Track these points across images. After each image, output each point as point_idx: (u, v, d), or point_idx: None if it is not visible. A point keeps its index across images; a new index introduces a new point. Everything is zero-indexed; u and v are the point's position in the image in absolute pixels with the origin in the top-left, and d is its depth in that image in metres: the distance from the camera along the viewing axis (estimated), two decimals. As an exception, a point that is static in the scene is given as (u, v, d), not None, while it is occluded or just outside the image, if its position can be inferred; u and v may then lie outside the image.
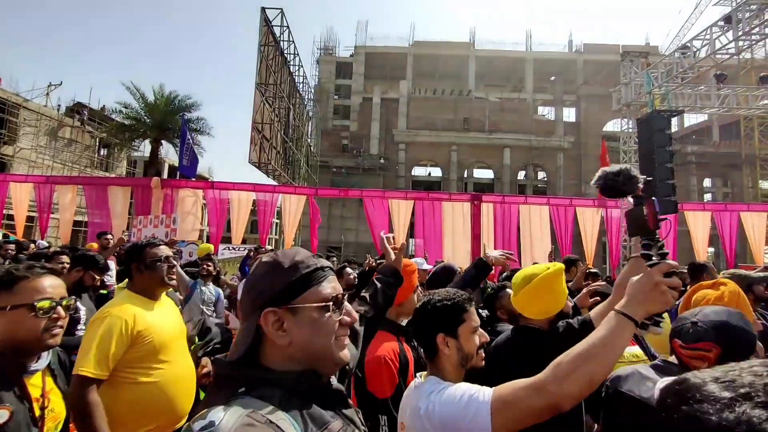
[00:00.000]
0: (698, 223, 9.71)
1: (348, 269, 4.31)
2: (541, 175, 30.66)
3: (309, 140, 22.14)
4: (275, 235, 31.48)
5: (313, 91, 25.57)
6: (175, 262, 1.95)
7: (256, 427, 0.62)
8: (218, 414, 0.62)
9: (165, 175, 20.00)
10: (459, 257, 9.94)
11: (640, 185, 1.16)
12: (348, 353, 0.83)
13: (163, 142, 18.26)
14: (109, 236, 5.78)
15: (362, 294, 1.51)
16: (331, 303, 0.77)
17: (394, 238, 1.58)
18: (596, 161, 27.69)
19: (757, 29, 7.27)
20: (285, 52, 14.99)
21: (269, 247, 9.12)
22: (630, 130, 10.08)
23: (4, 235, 7.28)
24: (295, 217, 10.30)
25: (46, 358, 1.20)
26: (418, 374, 1.25)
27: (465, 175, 29.37)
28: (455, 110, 29.09)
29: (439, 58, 31.41)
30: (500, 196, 10.38)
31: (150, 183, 9.31)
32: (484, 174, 30.50)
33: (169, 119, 17.26)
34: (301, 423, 0.69)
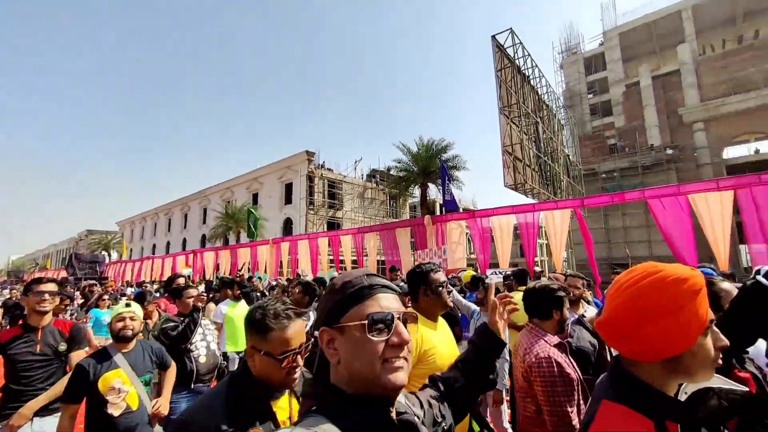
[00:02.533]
0: None
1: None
2: None
3: (566, 150, 20.30)
4: (544, 256, 29.86)
5: (561, 98, 23.68)
6: (451, 287, 2.03)
7: None
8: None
9: (437, 213, 22.91)
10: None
11: None
12: (401, 378, 0.74)
13: (429, 185, 21.12)
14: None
15: (456, 359, 1.19)
16: (367, 321, 0.73)
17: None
18: None
19: None
20: (522, 68, 14.68)
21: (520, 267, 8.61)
22: None
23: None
24: (561, 235, 9.40)
25: None
26: None
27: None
28: (785, 52, 20.01)
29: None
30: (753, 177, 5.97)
31: (423, 221, 10.79)
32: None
33: (431, 164, 19.90)
34: None
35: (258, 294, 6.41)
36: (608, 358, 2.60)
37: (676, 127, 22.93)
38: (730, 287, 1.71)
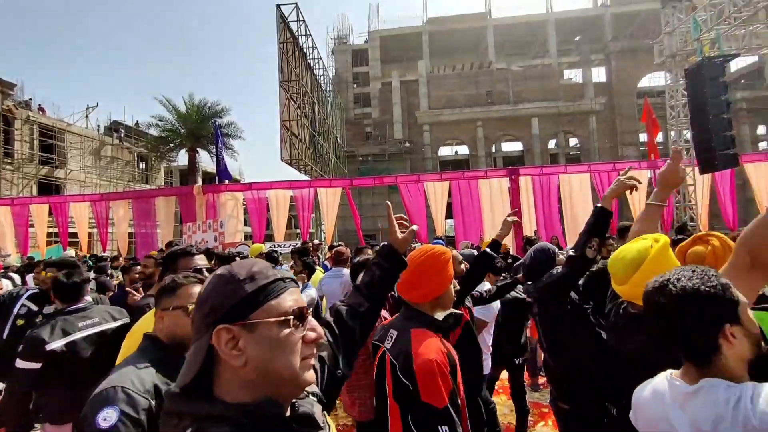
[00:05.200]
0: (760, 175, 9.04)
1: (368, 251, 4.30)
2: (573, 142, 29.43)
3: (335, 132, 22.22)
4: (313, 229, 32.11)
5: (332, 82, 25.54)
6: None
7: None
8: None
9: (199, 182, 20.76)
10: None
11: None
12: (314, 375, 0.74)
13: (199, 150, 18.86)
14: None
15: (357, 284, 1.26)
16: (292, 317, 0.68)
17: (408, 221, 1.34)
18: (632, 121, 26.23)
19: None
20: (303, 46, 14.97)
21: (316, 241, 9.31)
22: (679, 83, 9.39)
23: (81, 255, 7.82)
24: (332, 210, 10.43)
25: None
26: (666, 376, 0.99)
27: (493, 150, 28.65)
28: (477, 85, 28.27)
29: (455, 32, 30.50)
30: (538, 168, 10.06)
31: (192, 191, 9.66)
32: (513, 147, 29.63)
33: (202, 127, 17.77)
34: None
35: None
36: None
37: (413, 125, 28.83)
38: (457, 253, 2.59)
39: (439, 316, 1.50)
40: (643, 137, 22.79)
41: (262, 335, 0.66)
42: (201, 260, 1.94)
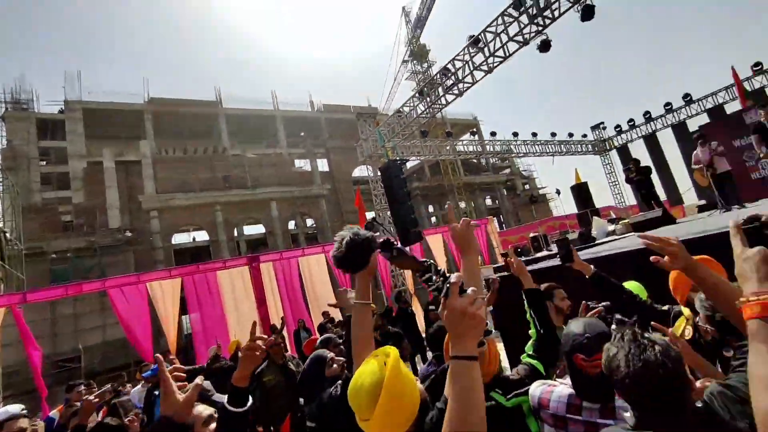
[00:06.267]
0: (433, 243, 12.30)
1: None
2: (309, 222, 32.51)
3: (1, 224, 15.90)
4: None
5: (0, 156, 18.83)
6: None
7: None
8: None
9: None
10: (247, 324, 9.03)
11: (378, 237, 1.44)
12: None
13: None
14: None
15: None
16: None
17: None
18: (352, 203, 31.87)
19: (437, 101, 10.32)
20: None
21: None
22: (378, 176, 11.96)
23: None
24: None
25: None
26: None
27: (236, 234, 27.83)
28: (212, 169, 27.53)
29: (184, 116, 29.36)
30: (277, 253, 10.18)
31: None
32: (256, 229, 29.83)
33: None
34: None
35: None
36: None
37: (135, 211, 24.53)
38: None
39: None
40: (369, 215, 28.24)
41: None
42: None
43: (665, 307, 2.24)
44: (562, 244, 2.41)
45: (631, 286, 3.11)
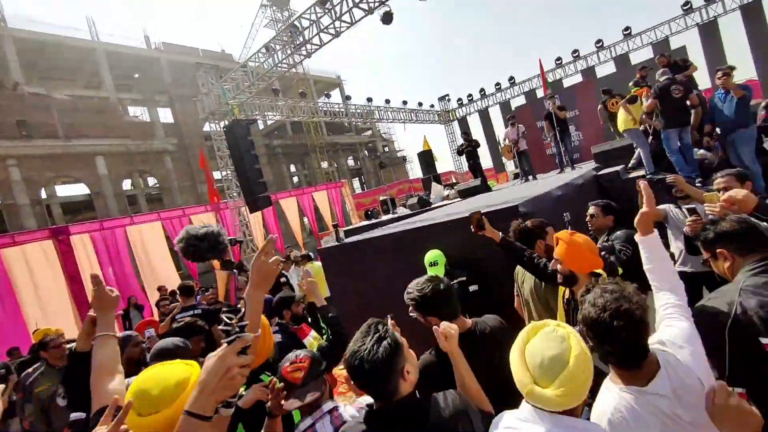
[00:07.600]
0: (288, 206, 12.14)
1: None
2: (152, 181, 28.21)
3: None
4: None
5: None
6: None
7: None
8: None
9: None
10: (59, 309, 7.74)
11: (228, 249, 1.34)
12: None
13: None
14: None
15: None
16: None
17: None
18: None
19: (286, 59, 9.62)
20: None
21: None
22: (222, 136, 10.90)
23: None
24: None
25: None
26: None
27: (44, 196, 22.39)
28: (0, 110, 21.09)
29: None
30: (97, 222, 8.58)
31: None
32: (76, 190, 24.56)
33: None
34: None
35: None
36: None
37: None
38: None
39: None
40: (217, 174, 25.17)
41: None
42: None
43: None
44: (471, 216, 2.61)
45: (434, 254, 3.64)
